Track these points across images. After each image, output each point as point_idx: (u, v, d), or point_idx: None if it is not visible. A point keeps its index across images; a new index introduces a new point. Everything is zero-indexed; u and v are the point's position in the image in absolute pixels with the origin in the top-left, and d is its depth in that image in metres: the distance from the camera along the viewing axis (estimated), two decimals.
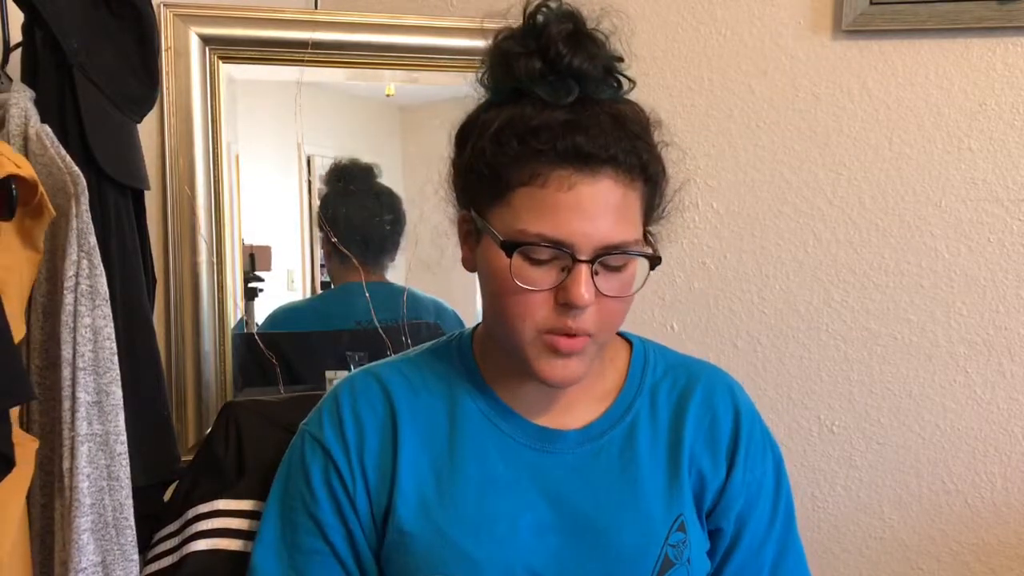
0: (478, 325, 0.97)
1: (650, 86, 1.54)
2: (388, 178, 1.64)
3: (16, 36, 1.03)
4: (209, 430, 1.09)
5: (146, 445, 1.06)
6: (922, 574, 1.56)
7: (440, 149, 0.91)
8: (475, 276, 0.89)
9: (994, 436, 1.52)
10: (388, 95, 1.63)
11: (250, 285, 1.52)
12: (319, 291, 1.63)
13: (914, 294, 1.54)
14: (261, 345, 1.50)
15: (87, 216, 0.93)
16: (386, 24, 1.49)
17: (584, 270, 0.78)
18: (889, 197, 1.53)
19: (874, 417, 1.56)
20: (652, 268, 0.84)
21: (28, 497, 0.93)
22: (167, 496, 1.11)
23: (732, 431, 0.93)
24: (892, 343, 1.55)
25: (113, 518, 0.93)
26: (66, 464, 0.90)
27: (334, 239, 1.55)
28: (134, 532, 0.95)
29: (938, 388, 1.54)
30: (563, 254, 0.79)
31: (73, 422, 0.90)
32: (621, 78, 0.85)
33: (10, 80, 1.00)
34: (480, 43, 0.87)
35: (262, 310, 1.56)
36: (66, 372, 0.91)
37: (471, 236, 0.87)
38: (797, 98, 1.55)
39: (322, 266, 1.62)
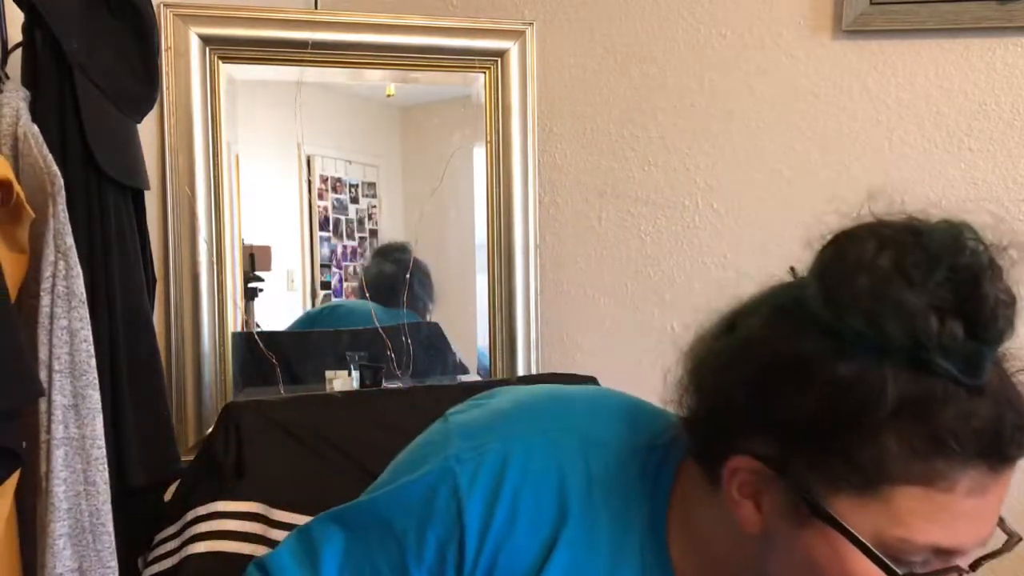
0: (687, 458, 0.73)
1: (650, 86, 1.53)
2: (388, 178, 1.64)
3: (16, 36, 1.03)
4: (209, 431, 1.09)
5: (146, 445, 1.06)
6: None
7: (440, 149, 0.88)
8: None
9: None
10: (388, 95, 1.63)
11: (250, 285, 1.52)
12: (319, 291, 1.64)
13: None
14: (261, 345, 1.50)
15: (64, 216, 0.91)
16: (386, 24, 1.49)
17: None
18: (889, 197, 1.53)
19: None
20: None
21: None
22: (167, 496, 1.11)
23: None
24: None
25: (90, 523, 0.90)
26: (42, 468, 0.88)
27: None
28: (112, 538, 0.93)
29: None
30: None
31: (49, 425, 0.88)
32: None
33: (7, 79, 1.00)
34: (480, 43, 0.79)
35: (262, 310, 1.56)
36: (42, 375, 0.88)
37: (757, 492, 0.66)
38: (797, 98, 1.55)
39: (324, 266, 1.63)
